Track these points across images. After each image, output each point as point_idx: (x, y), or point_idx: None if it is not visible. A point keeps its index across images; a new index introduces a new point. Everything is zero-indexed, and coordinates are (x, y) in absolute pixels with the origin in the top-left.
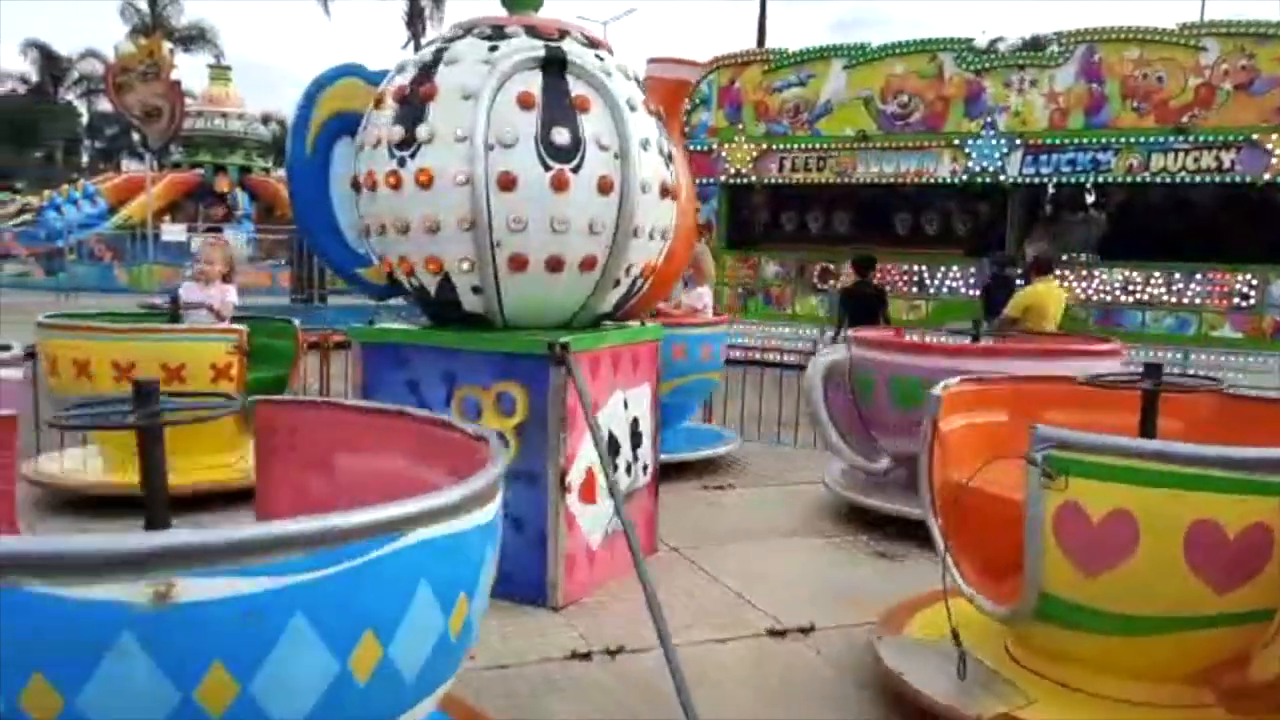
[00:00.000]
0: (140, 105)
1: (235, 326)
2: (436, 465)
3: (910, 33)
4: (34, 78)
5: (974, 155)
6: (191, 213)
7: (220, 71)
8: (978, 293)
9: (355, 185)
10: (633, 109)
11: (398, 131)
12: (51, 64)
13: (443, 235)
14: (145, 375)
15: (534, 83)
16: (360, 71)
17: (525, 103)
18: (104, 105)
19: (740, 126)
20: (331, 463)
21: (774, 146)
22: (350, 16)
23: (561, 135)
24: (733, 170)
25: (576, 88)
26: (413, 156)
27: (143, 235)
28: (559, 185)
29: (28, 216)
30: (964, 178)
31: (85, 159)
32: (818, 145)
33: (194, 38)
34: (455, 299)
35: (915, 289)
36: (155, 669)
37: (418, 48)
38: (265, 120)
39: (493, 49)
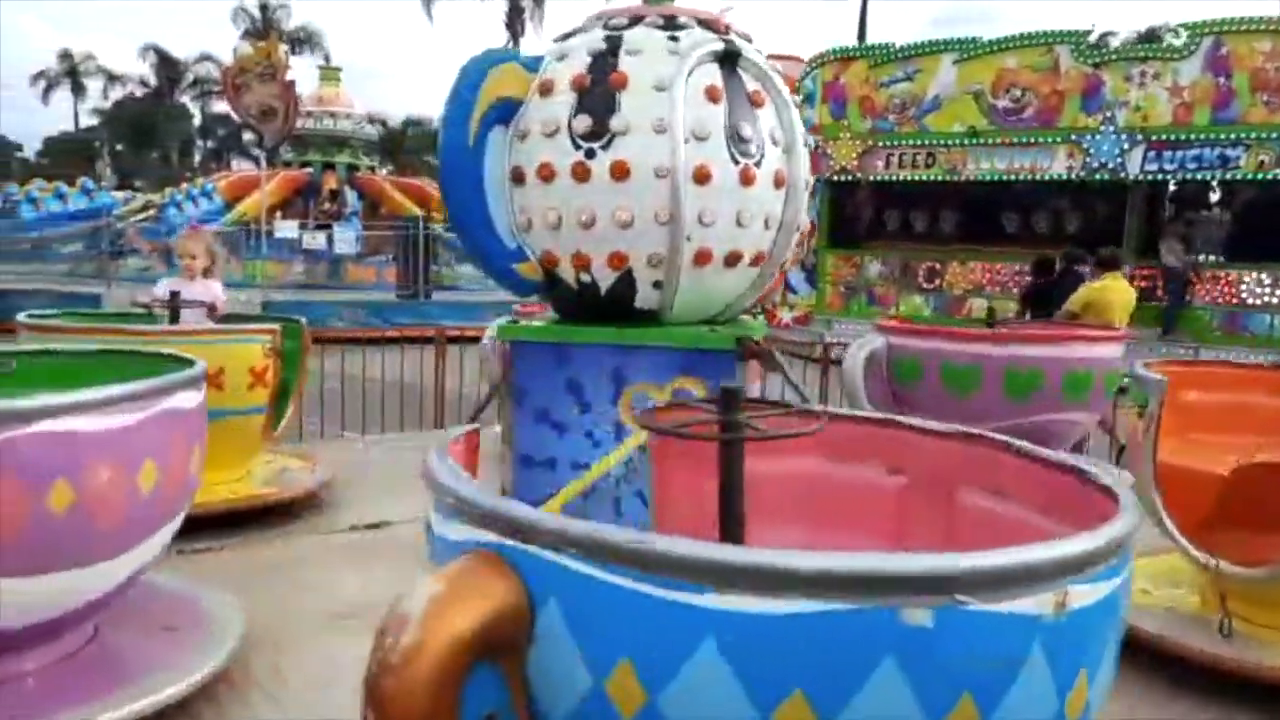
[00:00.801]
0: (257, 105)
1: (269, 325)
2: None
3: (1011, 28)
4: (152, 81)
5: (1092, 151)
6: (301, 210)
7: (330, 72)
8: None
9: (517, 177)
10: (793, 105)
11: (584, 121)
12: (168, 67)
13: (635, 229)
14: None
15: (715, 76)
16: (518, 56)
17: (713, 96)
18: (216, 107)
19: (845, 123)
20: None
21: (879, 143)
22: (451, 19)
23: (746, 129)
24: (837, 167)
25: (750, 82)
26: (605, 148)
27: (256, 231)
28: (746, 180)
29: (151, 213)
30: (1081, 174)
31: (197, 159)
32: (925, 141)
33: (302, 41)
34: (631, 295)
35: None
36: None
37: (517, 48)
38: (372, 121)
39: (673, 39)
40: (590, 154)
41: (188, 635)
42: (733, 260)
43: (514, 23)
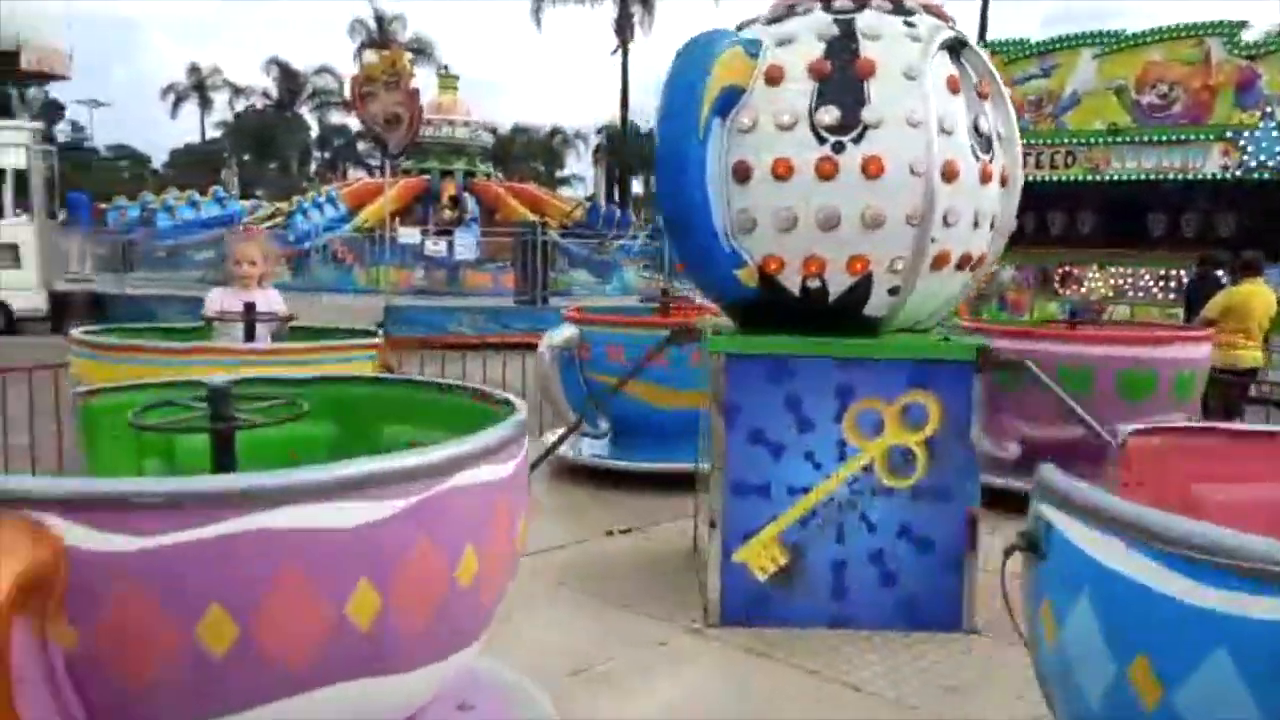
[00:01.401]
0: (382, 113)
1: (373, 340)
2: None
3: (1133, 25)
4: (274, 93)
5: (1250, 149)
6: (420, 216)
7: (448, 80)
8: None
9: (740, 174)
10: (1009, 98)
11: (830, 113)
12: (289, 79)
13: (884, 231)
14: None
15: (950, 66)
16: (741, 39)
17: (954, 87)
18: (333, 118)
19: None
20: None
21: None
22: (558, 25)
23: (983, 123)
24: None
25: (973, 74)
26: (856, 141)
27: (380, 237)
28: (984, 178)
29: (279, 220)
30: (1237, 173)
31: (313, 168)
32: (1064, 140)
33: (417, 51)
34: (862, 302)
35: (1173, 295)
36: None
37: (626, 54)
38: (489, 129)
39: (909, 24)
40: (838, 148)
41: (489, 713)
42: (964, 263)
43: (623, 28)
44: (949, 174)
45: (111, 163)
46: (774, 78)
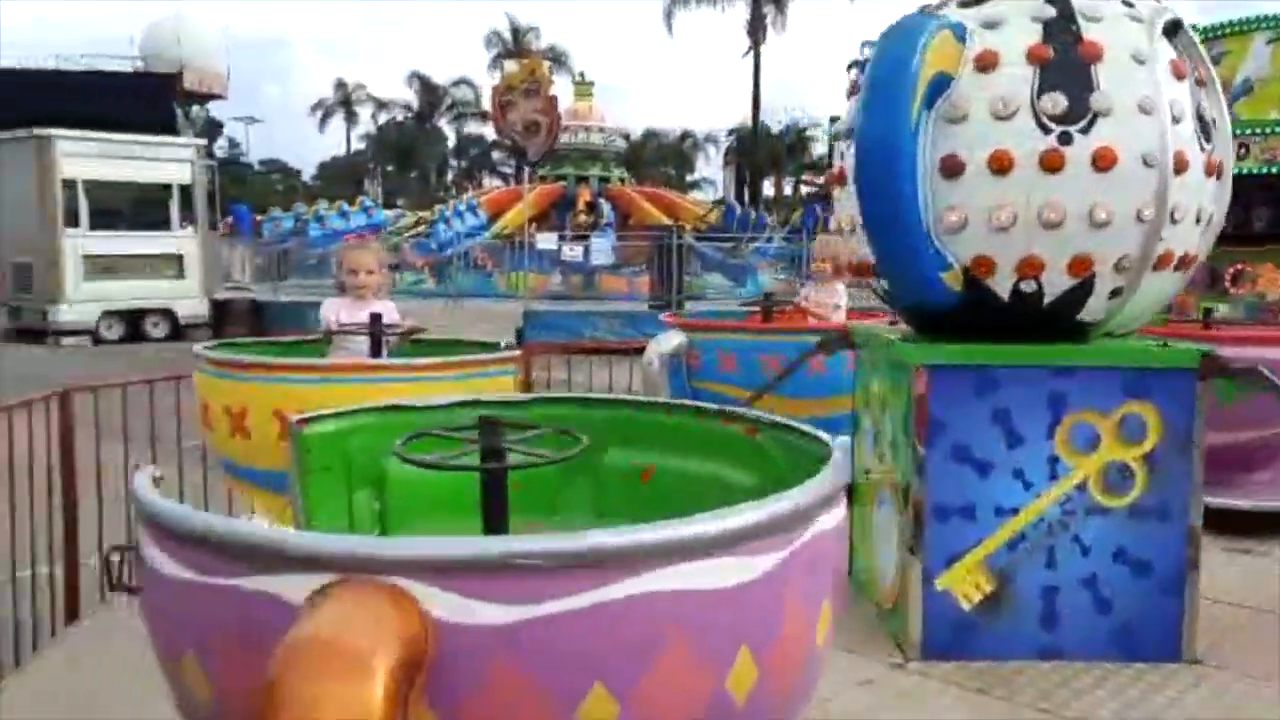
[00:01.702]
0: (521, 121)
1: (511, 353)
2: None
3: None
4: (415, 105)
5: None
6: (556, 222)
7: (583, 87)
8: None
9: (950, 168)
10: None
11: (1055, 101)
12: (429, 92)
13: (1112, 228)
14: None
15: (1170, 49)
16: (950, 22)
17: (1178, 72)
18: (469, 129)
19: None
20: None
21: None
22: (689, 29)
23: (1206, 111)
24: None
25: (1190, 59)
26: (1085, 131)
27: (519, 244)
28: (1209, 170)
29: (422, 229)
30: None
31: (450, 177)
32: (1237, 132)
33: (552, 60)
34: (1079, 306)
35: None
36: None
37: (758, 56)
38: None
39: (1128, 4)
40: (1065, 139)
41: None
42: (1184, 263)
43: (755, 29)
44: (1180, 166)
45: (264, 176)
46: (987, 64)
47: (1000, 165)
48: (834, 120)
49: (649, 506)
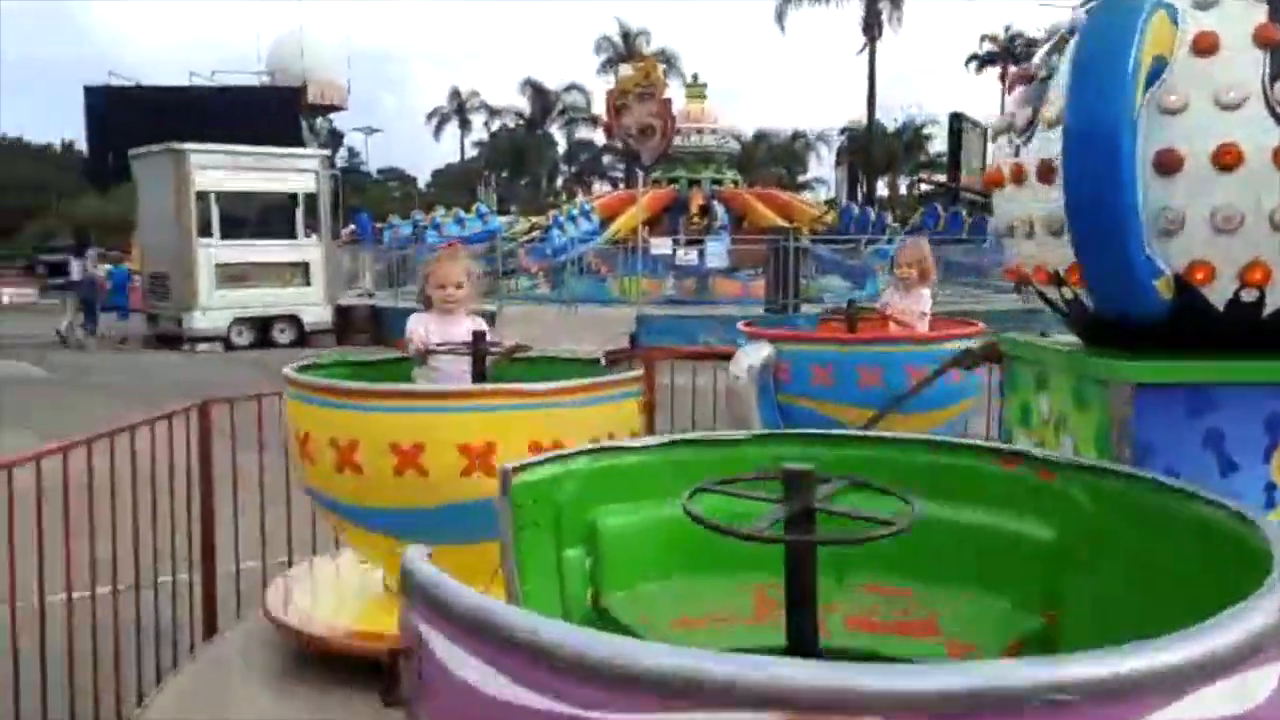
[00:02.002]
0: (635, 124)
1: (633, 374)
2: None
3: None
4: (527, 112)
5: None
6: (669, 226)
7: (696, 89)
8: None
9: (1166, 164)
10: None
11: None
12: (542, 99)
13: None
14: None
15: None
16: (1160, 1)
17: None
18: (580, 134)
19: None
20: None
21: None
22: (798, 28)
23: None
24: None
25: None
26: None
27: (631, 249)
28: None
29: (536, 234)
30: None
31: (560, 183)
32: None
33: (664, 63)
34: None
35: None
36: None
37: (873, 53)
38: (735, 136)
39: None
40: None
41: None
42: None
43: (871, 25)
44: None
45: (382, 184)
46: (1206, 47)
47: (1227, 161)
48: (955, 117)
49: (902, 567)
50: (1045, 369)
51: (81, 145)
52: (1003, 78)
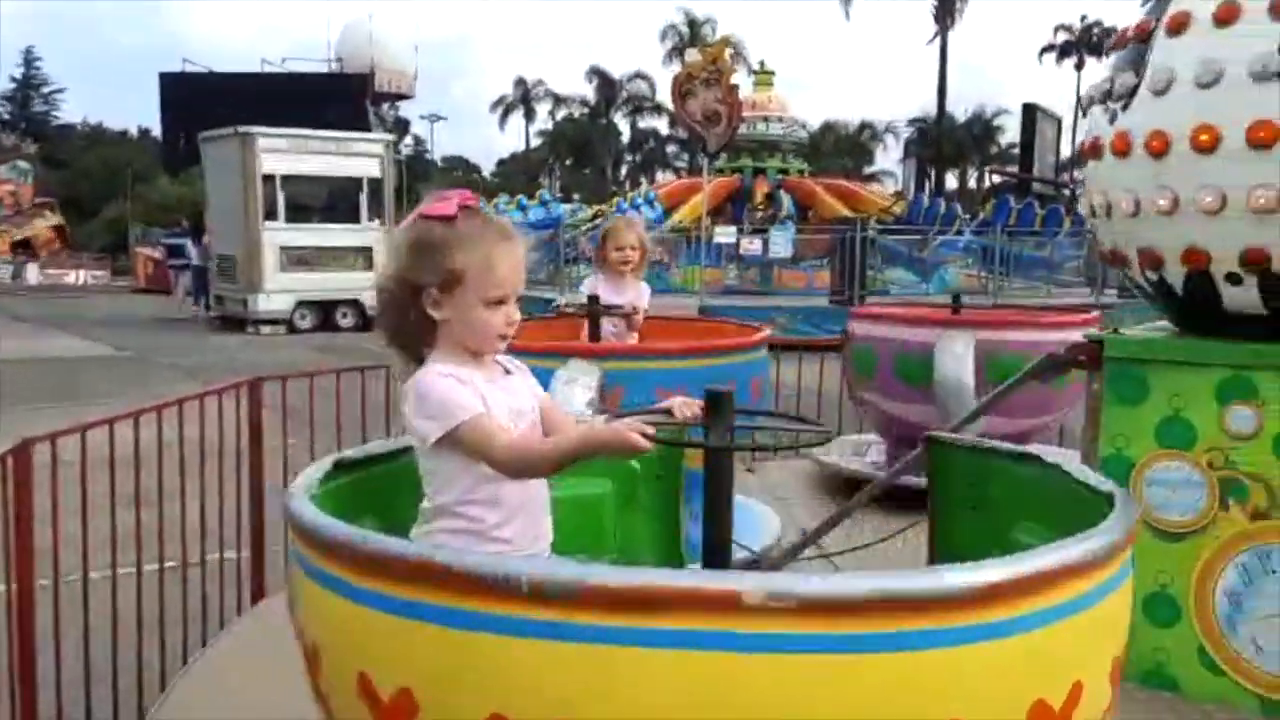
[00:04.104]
0: (701, 110)
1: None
2: None
3: None
4: (591, 100)
5: None
6: (733, 215)
7: (764, 77)
8: None
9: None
10: None
11: None
12: (607, 87)
13: None
14: None
15: None
16: None
17: None
18: (644, 123)
19: None
20: None
21: None
22: (868, 18)
23: None
24: None
25: None
26: None
27: (696, 237)
28: None
29: (599, 222)
30: None
31: (624, 172)
32: None
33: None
34: None
35: None
36: None
37: (945, 43)
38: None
39: None
40: None
41: None
42: None
43: (943, 14)
44: None
45: (447, 172)
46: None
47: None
48: (1029, 107)
49: None
50: (1243, 372)
51: (157, 132)
52: (1078, 67)
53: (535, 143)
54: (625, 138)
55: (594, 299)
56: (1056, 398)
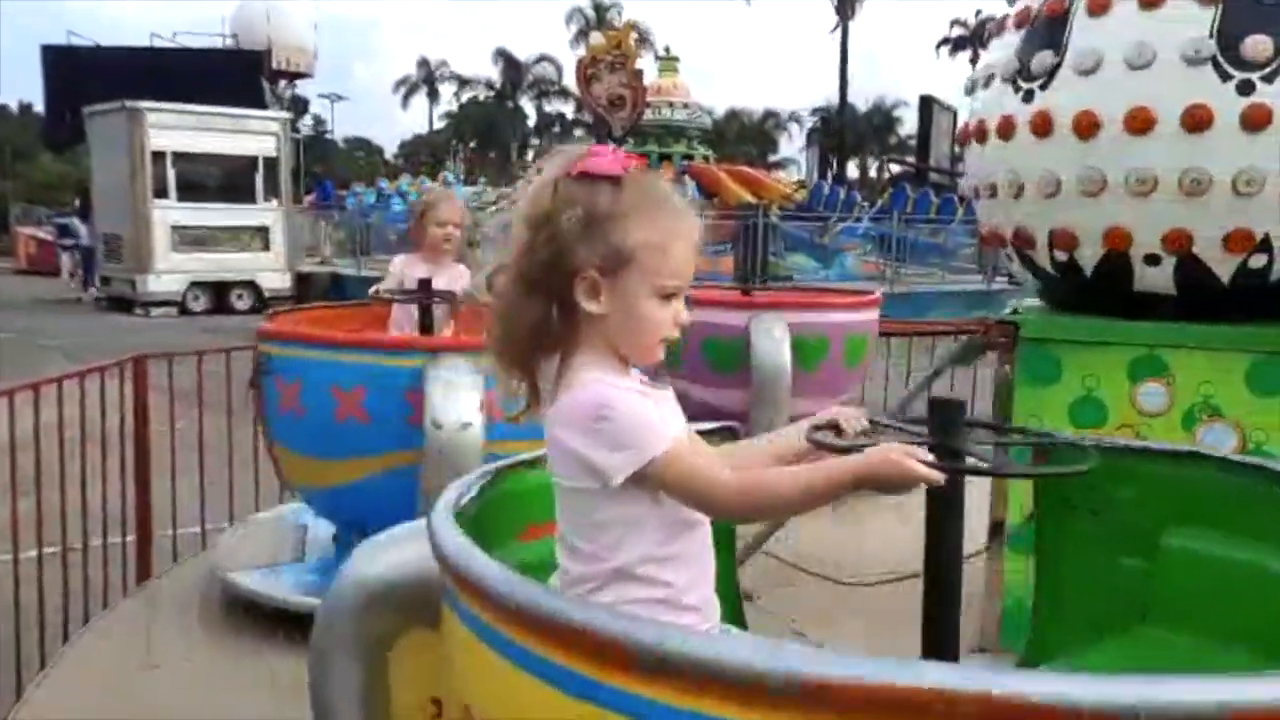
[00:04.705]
0: (606, 94)
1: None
2: None
3: None
4: (497, 83)
5: None
6: None
7: (668, 63)
8: None
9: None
10: None
11: None
12: (513, 70)
13: None
14: None
15: None
16: None
17: None
18: (550, 107)
19: None
20: None
21: None
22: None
23: None
24: None
25: None
26: None
27: None
28: None
29: (503, 205)
30: None
31: (530, 155)
32: None
33: (636, 36)
34: None
35: None
36: None
37: (846, 33)
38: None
39: None
40: None
41: None
42: None
43: (844, 6)
44: None
45: (348, 153)
46: None
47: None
48: (926, 100)
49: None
50: (1155, 351)
51: (39, 108)
52: (973, 61)
53: (440, 125)
54: (531, 121)
55: (425, 283)
56: (851, 377)
